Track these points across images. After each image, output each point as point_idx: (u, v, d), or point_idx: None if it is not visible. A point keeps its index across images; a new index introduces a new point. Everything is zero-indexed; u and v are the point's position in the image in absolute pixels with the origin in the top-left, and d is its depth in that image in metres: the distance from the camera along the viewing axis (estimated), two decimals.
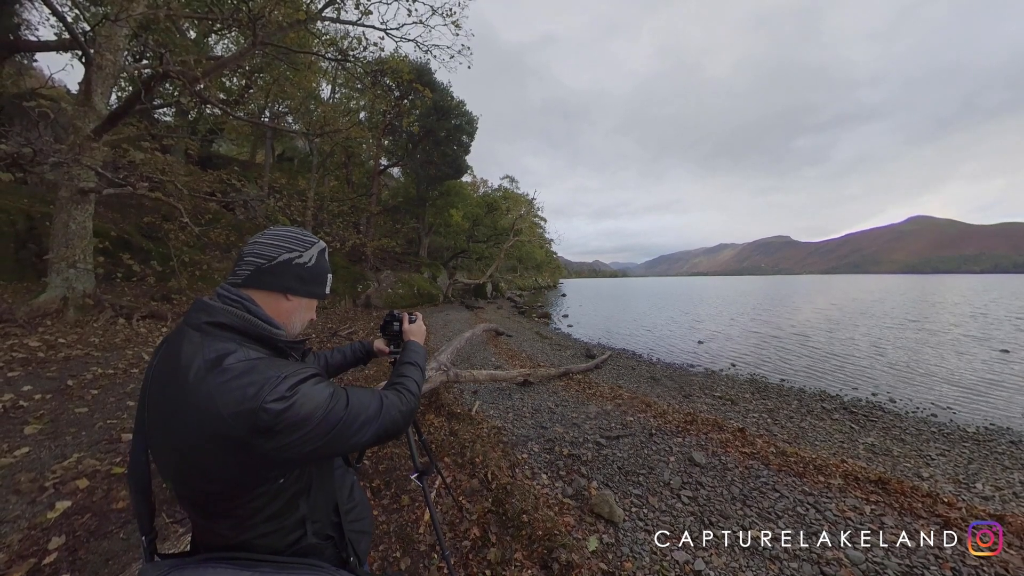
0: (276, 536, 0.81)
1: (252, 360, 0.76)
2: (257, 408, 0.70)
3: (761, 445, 3.71)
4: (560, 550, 1.92)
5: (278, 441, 0.71)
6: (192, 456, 0.72)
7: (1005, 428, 5.46)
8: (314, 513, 0.87)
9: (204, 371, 0.72)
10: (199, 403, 0.71)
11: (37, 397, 4.04)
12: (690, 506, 2.62)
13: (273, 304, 0.86)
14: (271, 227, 0.93)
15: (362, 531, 1.03)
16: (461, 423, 3.40)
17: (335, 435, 0.77)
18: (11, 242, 9.82)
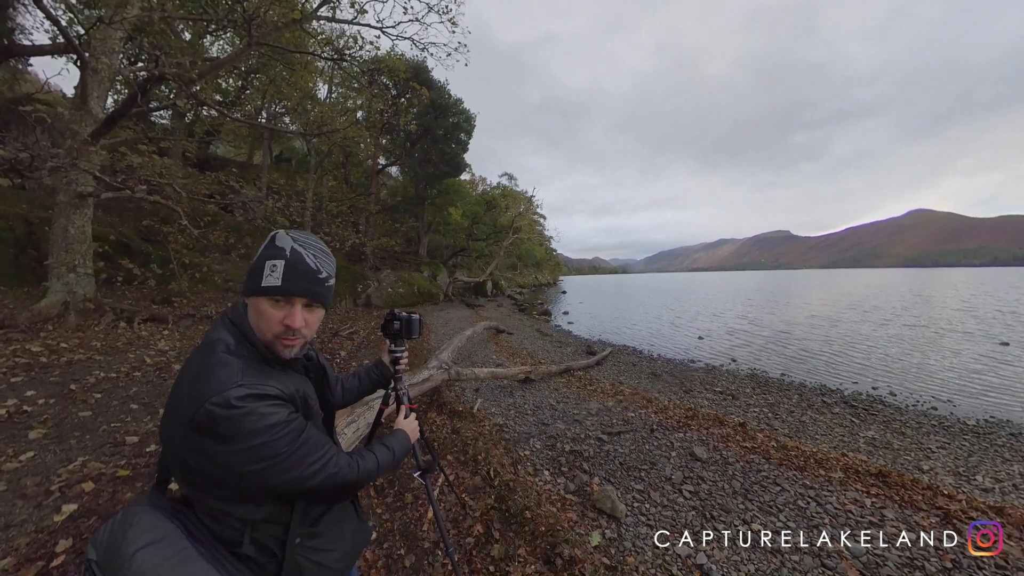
0: (222, 526, 0.82)
1: (232, 357, 0.80)
2: (200, 404, 0.73)
3: (762, 440, 3.73)
4: (563, 545, 1.94)
5: (204, 443, 0.74)
6: (167, 420, 0.80)
7: (1005, 420, 5.48)
8: (257, 523, 0.84)
9: (202, 353, 0.81)
10: (184, 378, 0.80)
11: (41, 402, 4.06)
12: (692, 501, 2.64)
13: (255, 308, 0.85)
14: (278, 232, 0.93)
15: (321, 564, 0.91)
16: (463, 421, 3.42)
17: (265, 468, 0.76)
18: (10, 247, 9.81)
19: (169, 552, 0.74)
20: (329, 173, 17.08)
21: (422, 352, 6.35)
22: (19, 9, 12.15)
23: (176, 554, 0.74)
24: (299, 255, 0.84)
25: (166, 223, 9.81)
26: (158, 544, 0.74)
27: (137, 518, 0.77)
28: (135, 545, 0.72)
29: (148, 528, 0.76)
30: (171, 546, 0.75)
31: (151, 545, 0.73)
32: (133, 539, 0.73)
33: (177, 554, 0.74)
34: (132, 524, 0.75)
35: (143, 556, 0.72)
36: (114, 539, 0.74)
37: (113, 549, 0.73)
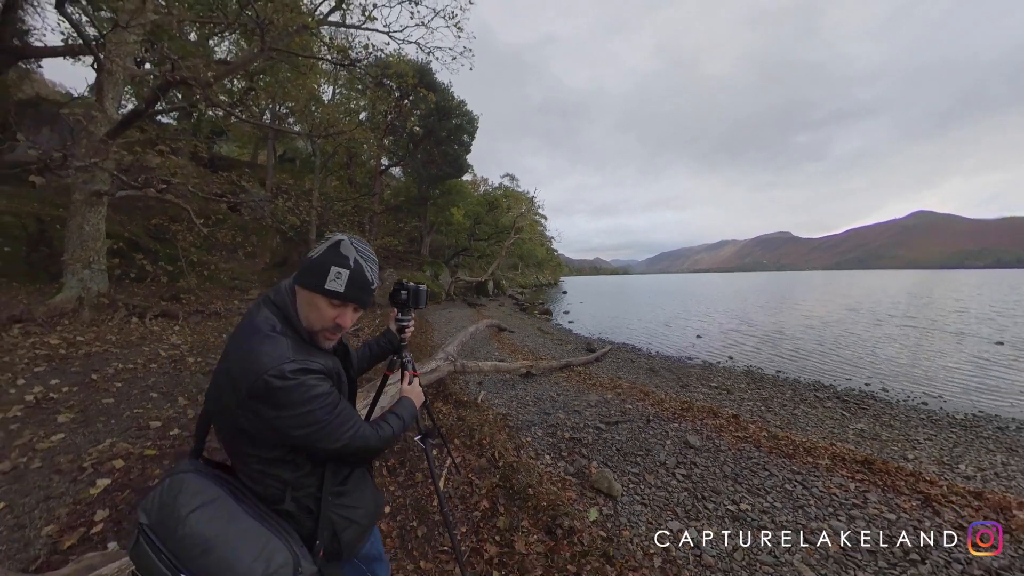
0: (264, 486, 0.92)
1: (279, 335, 0.90)
2: (259, 374, 0.83)
3: (753, 430, 3.90)
4: (563, 518, 2.12)
5: (261, 411, 0.84)
6: (220, 391, 0.89)
7: (993, 415, 5.63)
8: (297, 482, 0.94)
9: (248, 331, 0.90)
10: (235, 352, 0.88)
11: (65, 390, 4.25)
12: (684, 483, 2.81)
13: (299, 295, 0.96)
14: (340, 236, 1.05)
15: (350, 519, 1.03)
16: (468, 410, 3.60)
17: (311, 433, 0.87)
18: (23, 245, 10.04)
19: (219, 512, 0.82)
20: (333, 173, 17.29)
21: (427, 347, 6.54)
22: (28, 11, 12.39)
23: (225, 513, 0.83)
24: (361, 268, 0.95)
25: (175, 221, 10.02)
26: (208, 506, 0.82)
27: (186, 483, 0.84)
28: (188, 507, 0.80)
29: (197, 491, 0.83)
30: (220, 507, 0.83)
31: (202, 507, 0.81)
32: (185, 502, 0.81)
33: (227, 513, 0.83)
34: (182, 489, 0.83)
35: (196, 517, 0.79)
36: (165, 504, 0.81)
37: (166, 512, 0.80)
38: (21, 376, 4.47)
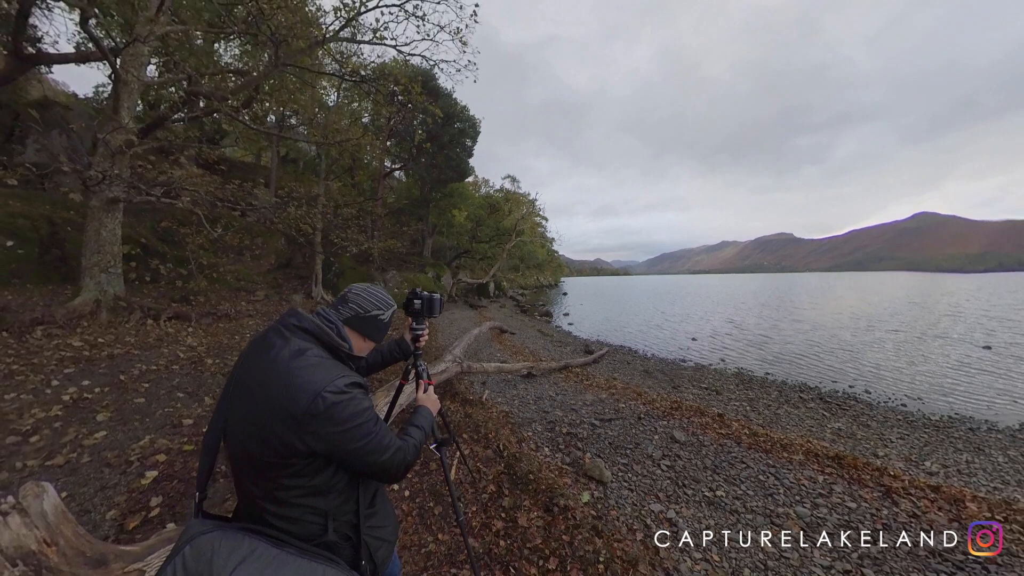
0: (300, 524, 0.91)
1: (324, 357, 0.97)
2: (317, 393, 0.87)
3: (736, 427, 4.24)
4: (559, 499, 2.45)
5: (321, 426, 0.87)
6: (263, 421, 0.88)
7: (968, 417, 5.98)
8: (336, 511, 0.96)
9: (289, 357, 0.92)
10: (283, 379, 0.89)
11: (97, 390, 4.57)
12: (668, 472, 3.15)
13: (356, 340, 1.12)
14: (370, 285, 1.22)
15: (382, 539, 1.07)
16: (474, 408, 3.93)
17: (363, 445, 0.92)
18: (35, 247, 10.32)
19: (262, 563, 0.77)
20: (338, 178, 17.63)
21: (433, 349, 6.87)
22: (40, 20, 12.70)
23: (269, 563, 0.78)
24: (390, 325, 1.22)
25: (183, 225, 10.34)
26: (250, 559, 0.76)
27: (215, 544, 0.78)
28: (227, 569, 0.74)
29: (232, 548, 0.77)
30: (261, 557, 0.78)
31: (244, 563, 0.75)
32: (223, 565, 0.74)
33: (271, 562, 0.78)
34: (215, 551, 0.76)
35: (240, 575, 0.73)
36: (198, 574, 0.74)
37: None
38: (54, 377, 4.79)
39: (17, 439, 3.41)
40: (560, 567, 1.97)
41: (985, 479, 4.09)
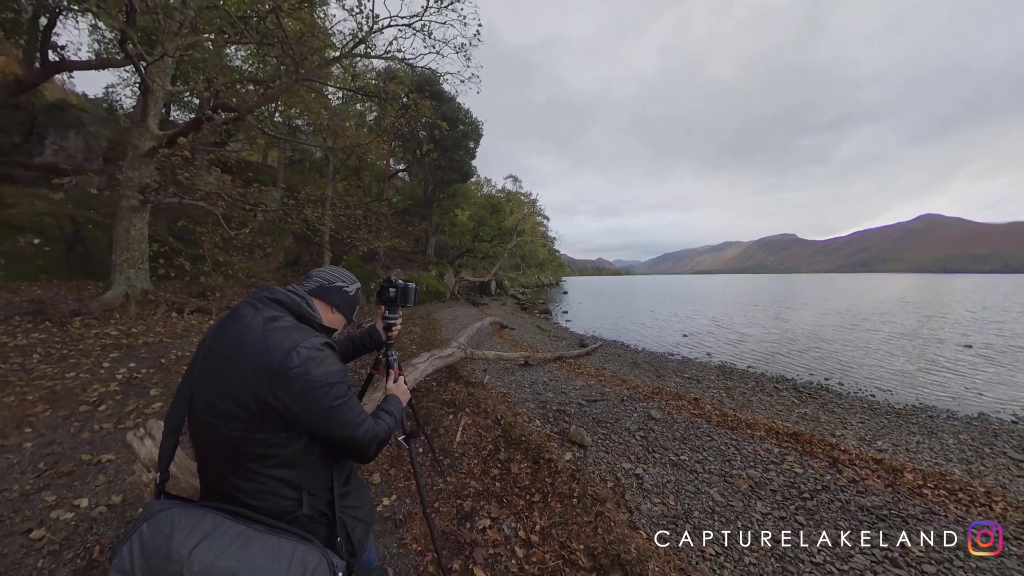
0: (273, 499, 0.89)
1: (298, 324, 1.00)
2: (292, 349, 0.88)
3: (709, 409, 4.77)
4: (545, 454, 3.00)
5: (296, 383, 0.87)
6: (236, 381, 0.86)
7: (930, 407, 6.48)
8: (310, 484, 0.94)
9: (262, 324, 0.93)
10: (256, 342, 0.89)
11: (143, 371, 5.16)
12: (641, 441, 3.70)
13: (323, 310, 1.14)
14: (331, 266, 1.26)
15: (358, 518, 1.06)
16: (476, 388, 4.49)
17: (337, 408, 0.92)
18: (61, 244, 10.94)
19: (227, 540, 0.74)
20: (346, 179, 18.22)
21: (436, 341, 7.43)
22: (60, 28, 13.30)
23: (234, 539, 0.75)
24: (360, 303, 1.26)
25: (200, 224, 10.93)
26: (211, 536, 0.73)
27: (175, 520, 0.74)
28: (187, 546, 0.70)
29: (193, 525, 0.74)
30: (225, 533, 0.75)
31: (205, 540, 0.72)
32: (181, 541, 0.70)
33: (235, 539, 0.75)
34: (173, 527, 0.73)
35: (201, 553, 0.70)
36: (156, 550, 0.70)
37: (159, 563, 0.69)
38: (103, 361, 5.39)
39: (88, 408, 4.01)
40: (542, 500, 2.53)
41: (930, 456, 4.61)
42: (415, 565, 2.01)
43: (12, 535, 2.13)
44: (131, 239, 8.76)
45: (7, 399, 4.00)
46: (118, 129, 15.70)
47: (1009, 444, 4.98)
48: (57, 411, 3.87)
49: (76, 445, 3.25)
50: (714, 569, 2.15)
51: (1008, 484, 3.90)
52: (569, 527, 2.26)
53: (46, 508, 2.40)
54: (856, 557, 2.36)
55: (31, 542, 2.10)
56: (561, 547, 2.12)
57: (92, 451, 3.17)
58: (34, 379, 4.53)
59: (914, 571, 2.29)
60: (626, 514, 2.52)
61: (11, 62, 18.16)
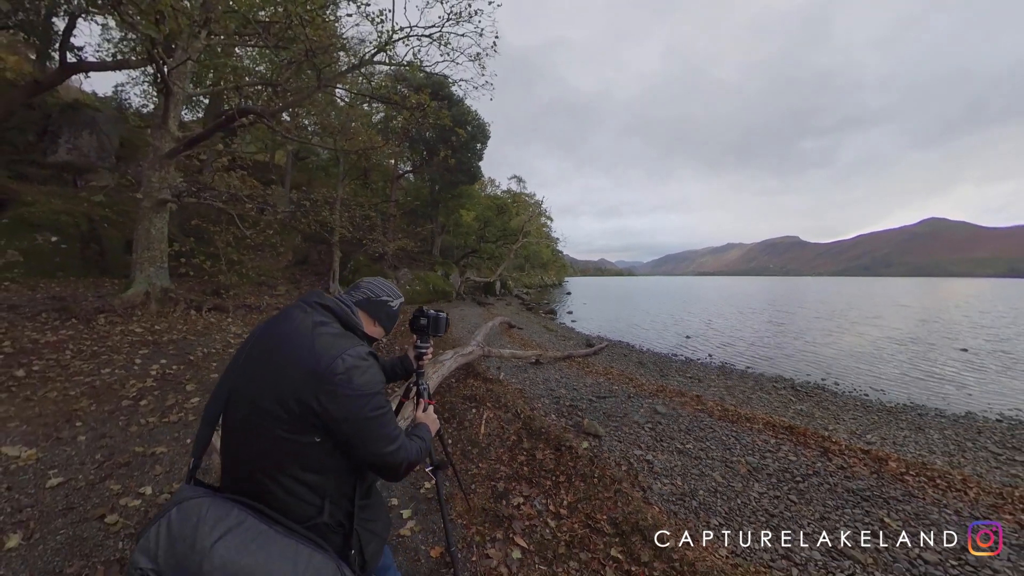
0: (296, 504, 0.89)
1: (343, 331, 1.02)
2: (338, 355, 0.91)
3: (711, 405, 5.11)
4: (565, 443, 3.33)
5: (340, 388, 0.88)
6: (281, 377, 0.89)
7: (920, 406, 6.82)
8: (334, 494, 0.94)
9: (312, 327, 0.96)
10: (304, 343, 0.92)
11: (175, 367, 5.44)
12: (649, 433, 4.03)
13: (367, 322, 1.17)
14: (380, 278, 1.30)
15: (373, 532, 1.06)
16: (494, 384, 4.81)
17: (373, 421, 0.92)
18: (77, 242, 11.18)
19: (248, 537, 0.75)
20: (355, 180, 18.50)
21: (448, 340, 7.75)
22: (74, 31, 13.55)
23: (256, 537, 0.76)
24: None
25: (213, 223, 11.20)
26: (235, 531, 0.75)
27: (203, 510, 0.77)
28: (211, 537, 0.72)
29: (219, 517, 0.76)
30: (250, 530, 0.77)
31: (229, 534, 0.74)
32: (207, 532, 0.73)
33: (257, 537, 0.76)
34: (201, 517, 0.75)
35: (224, 547, 0.71)
36: (181, 538, 0.72)
37: (183, 548, 0.71)
38: (135, 357, 5.66)
39: (130, 402, 4.28)
40: (567, 480, 2.85)
41: (915, 448, 4.95)
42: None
43: (87, 520, 2.33)
44: (152, 238, 9.02)
45: (51, 394, 4.23)
46: (128, 128, 15.95)
47: (991, 440, 5.33)
48: (101, 406, 4.07)
49: (127, 438, 3.46)
50: (718, 536, 2.47)
51: (985, 474, 4.25)
52: (592, 502, 2.58)
53: (113, 496, 2.60)
54: (841, 529, 2.69)
55: (107, 526, 2.30)
56: (587, 518, 2.44)
57: (143, 444, 3.39)
58: (72, 375, 4.73)
59: (891, 542, 2.63)
60: (640, 492, 2.85)
61: (22, 61, 18.42)
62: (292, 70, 8.42)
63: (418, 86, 12.16)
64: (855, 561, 2.48)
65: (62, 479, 2.67)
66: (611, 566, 2.12)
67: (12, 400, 3.81)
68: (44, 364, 4.88)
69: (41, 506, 2.38)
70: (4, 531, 2.12)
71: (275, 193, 11.02)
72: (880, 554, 2.55)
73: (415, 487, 2.77)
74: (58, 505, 2.41)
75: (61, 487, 2.59)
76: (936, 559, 2.52)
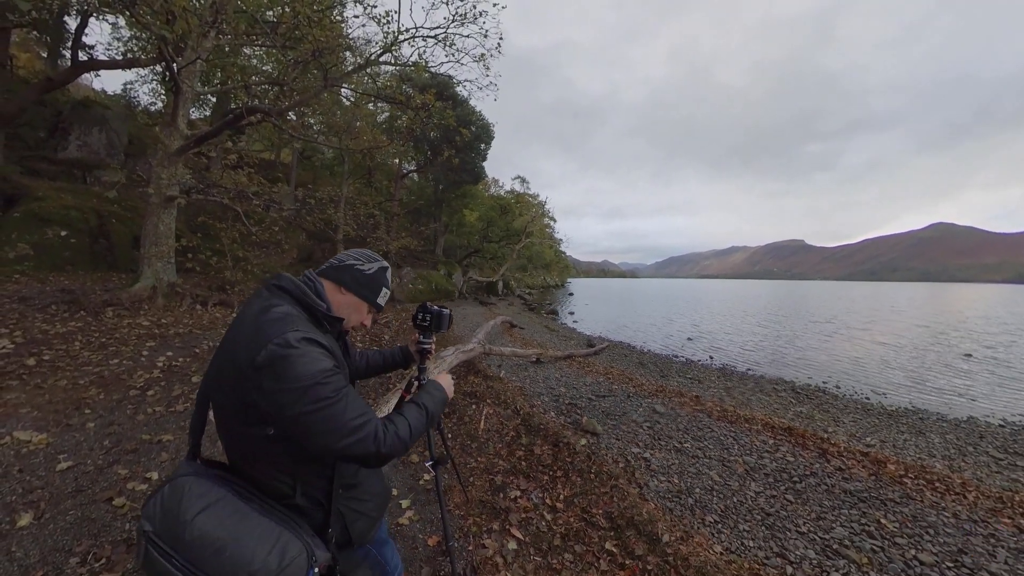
0: (268, 483, 0.92)
1: (291, 313, 0.92)
2: (262, 344, 0.83)
3: (709, 405, 5.12)
4: (563, 439, 3.36)
5: (263, 382, 0.82)
6: (226, 373, 0.88)
7: (921, 409, 6.80)
8: (305, 476, 0.94)
9: (256, 313, 0.91)
10: (247, 331, 0.89)
11: (181, 360, 5.53)
12: (648, 431, 4.05)
13: (332, 292, 1.06)
14: (357, 248, 1.18)
15: (361, 512, 1.05)
16: (494, 382, 4.85)
17: (313, 413, 0.82)
18: (86, 237, 11.35)
19: (226, 512, 0.82)
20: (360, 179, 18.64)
21: (450, 338, 7.80)
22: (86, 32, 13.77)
23: (233, 512, 0.83)
24: (391, 289, 1.19)
25: (220, 220, 11.32)
26: (214, 507, 0.82)
27: (188, 487, 0.84)
28: (192, 511, 0.80)
29: (201, 494, 0.83)
30: (226, 506, 0.83)
31: (208, 508, 0.81)
32: (189, 506, 0.80)
33: (234, 512, 0.83)
34: (185, 493, 0.82)
35: (203, 519, 0.79)
36: (169, 509, 0.81)
37: (170, 519, 0.80)
38: (142, 349, 5.76)
39: (137, 392, 4.36)
40: (564, 475, 2.89)
41: (914, 452, 4.94)
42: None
43: (96, 503, 2.40)
44: (159, 234, 9.15)
45: (61, 383, 4.33)
46: (137, 125, 16.13)
47: (993, 445, 5.30)
48: (110, 395, 4.18)
49: (134, 426, 3.56)
50: (713, 533, 2.50)
51: (984, 478, 4.23)
52: (588, 496, 2.62)
53: (121, 480, 2.68)
54: (836, 529, 2.70)
55: (115, 508, 2.38)
56: (583, 512, 2.47)
57: (150, 431, 3.47)
58: (81, 365, 4.84)
59: (887, 542, 2.64)
60: (636, 488, 2.88)
61: (34, 58, 18.69)
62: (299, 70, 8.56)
63: (423, 86, 12.29)
64: (850, 561, 2.50)
65: (71, 463, 2.74)
66: (605, 559, 2.15)
67: (23, 387, 3.90)
68: (54, 354, 4.99)
69: (51, 488, 2.45)
70: (16, 511, 2.19)
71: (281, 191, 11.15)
72: (876, 555, 2.57)
73: (414, 479, 2.82)
74: (67, 487, 2.48)
75: (70, 471, 2.67)
76: (932, 560, 2.53)
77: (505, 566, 2.05)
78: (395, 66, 8.62)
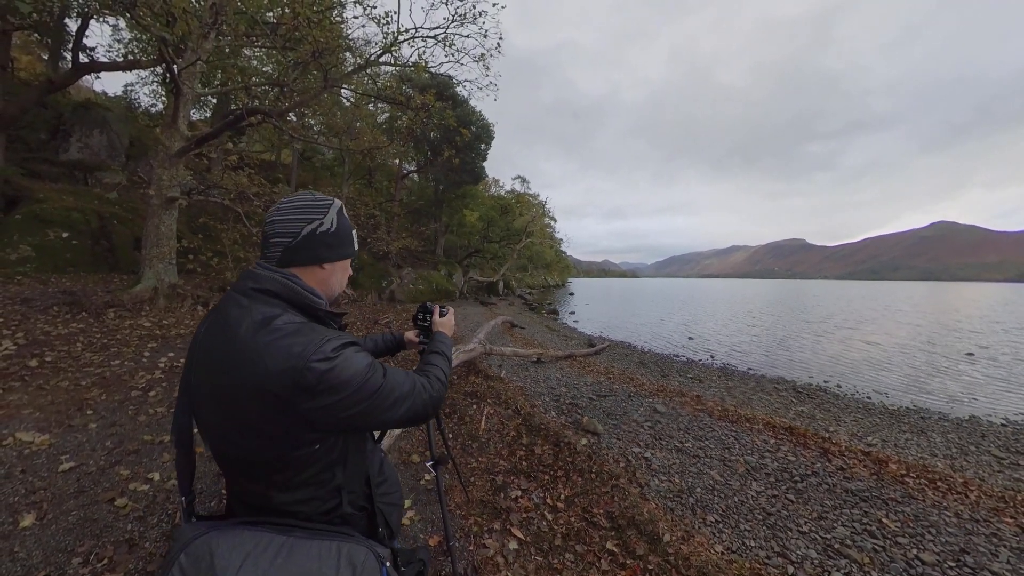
0: (313, 503, 0.85)
1: (298, 323, 0.80)
2: (303, 367, 0.73)
3: (710, 405, 5.12)
4: (564, 439, 3.36)
5: (318, 401, 0.75)
6: (237, 413, 0.77)
7: (923, 409, 6.78)
8: (349, 483, 0.91)
9: (253, 330, 0.76)
10: (248, 359, 0.74)
11: (182, 361, 5.53)
12: (648, 431, 4.05)
13: (311, 275, 0.90)
14: (284, 197, 0.95)
15: (392, 503, 1.08)
16: (495, 382, 4.85)
17: (371, 404, 0.81)
18: (87, 238, 11.39)
19: (270, 554, 0.71)
20: (360, 180, 18.65)
21: (453, 338, 7.82)
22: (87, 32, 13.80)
23: (278, 552, 0.72)
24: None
25: (220, 221, 11.34)
26: (255, 553, 0.71)
27: (214, 544, 0.71)
28: (232, 567, 0.68)
29: (233, 545, 0.71)
30: (268, 548, 0.72)
31: (249, 557, 0.70)
32: (225, 565, 0.68)
33: (279, 551, 0.72)
34: (214, 552, 0.70)
35: (247, 573, 0.67)
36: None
37: None
38: (143, 350, 5.78)
39: (139, 393, 4.38)
40: (565, 475, 2.89)
41: (916, 451, 4.93)
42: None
43: (98, 503, 2.40)
44: (160, 235, 9.17)
45: (63, 383, 4.35)
46: (138, 127, 16.15)
47: (995, 444, 5.29)
48: (111, 396, 4.19)
49: (136, 427, 3.55)
50: (714, 533, 2.50)
51: (987, 477, 4.22)
52: (589, 496, 2.62)
53: (123, 481, 2.67)
54: (838, 528, 2.70)
55: (116, 509, 2.37)
56: (584, 511, 2.47)
57: (152, 432, 3.47)
58: (83, 366, 4.87)
59: (889, 542, 2.63)
60: (637, 488, 2.88)
61: (35, 61, 18.73)
62: (299, 71, 8.58)
63: (423, 86, 12.30)
64: (851, 560, 2.50)
65: (73, 464, 2.75)
66: (606, 558, 2.16)
67: (25, 388, 3.91)
68: (56, 355, 5.00)
69: (53, 489, 2.45)
70: (19, 511, 2.20)
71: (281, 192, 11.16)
72: (877, 554, 2.56)
73: (415, 479, 2.82)
74: (70, 488, 2.48)
75: (72, 471, 2.67)
76: (934, 560, 2.53)
77: (506, 566, 2.05)
78: (395, 67, 8.63)
